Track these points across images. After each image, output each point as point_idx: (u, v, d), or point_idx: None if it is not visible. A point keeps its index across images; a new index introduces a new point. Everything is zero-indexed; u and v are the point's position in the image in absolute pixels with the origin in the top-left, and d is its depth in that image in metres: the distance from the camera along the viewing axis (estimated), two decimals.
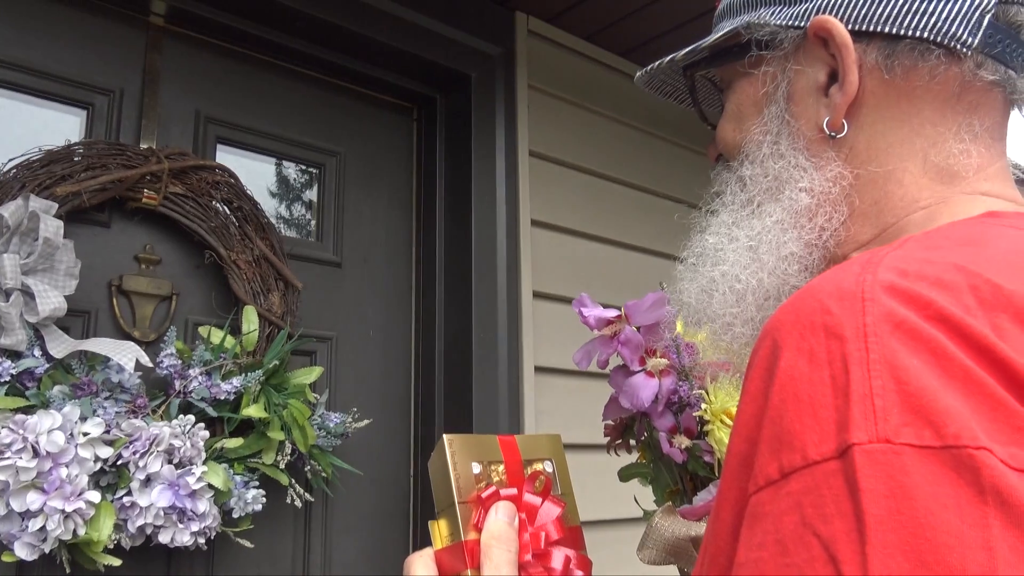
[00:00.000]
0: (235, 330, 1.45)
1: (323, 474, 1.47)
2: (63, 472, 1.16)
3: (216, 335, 1.40)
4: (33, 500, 1.13)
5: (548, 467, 0.82)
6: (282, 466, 1.39)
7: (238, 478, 1.36)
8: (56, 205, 1.24)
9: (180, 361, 1.35)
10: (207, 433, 1.31)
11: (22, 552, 1.14)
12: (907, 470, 0.40)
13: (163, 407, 1.30)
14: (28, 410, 1.18)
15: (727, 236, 0.69)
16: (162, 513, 1.24)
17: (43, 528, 1.13)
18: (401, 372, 1.81)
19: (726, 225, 0.70)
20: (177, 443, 1.26)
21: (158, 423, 1.27)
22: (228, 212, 1.48)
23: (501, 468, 0.77)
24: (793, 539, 0.43)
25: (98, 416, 1.22)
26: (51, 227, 1.21)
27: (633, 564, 0.93)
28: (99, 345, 1.27)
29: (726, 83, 0.73)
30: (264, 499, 1.38)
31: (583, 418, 1.89)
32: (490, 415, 1.75)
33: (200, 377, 1.33)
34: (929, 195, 0.61)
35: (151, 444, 1.23)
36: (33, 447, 1.13)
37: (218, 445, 1.34)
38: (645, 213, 2.21)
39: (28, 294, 1.21)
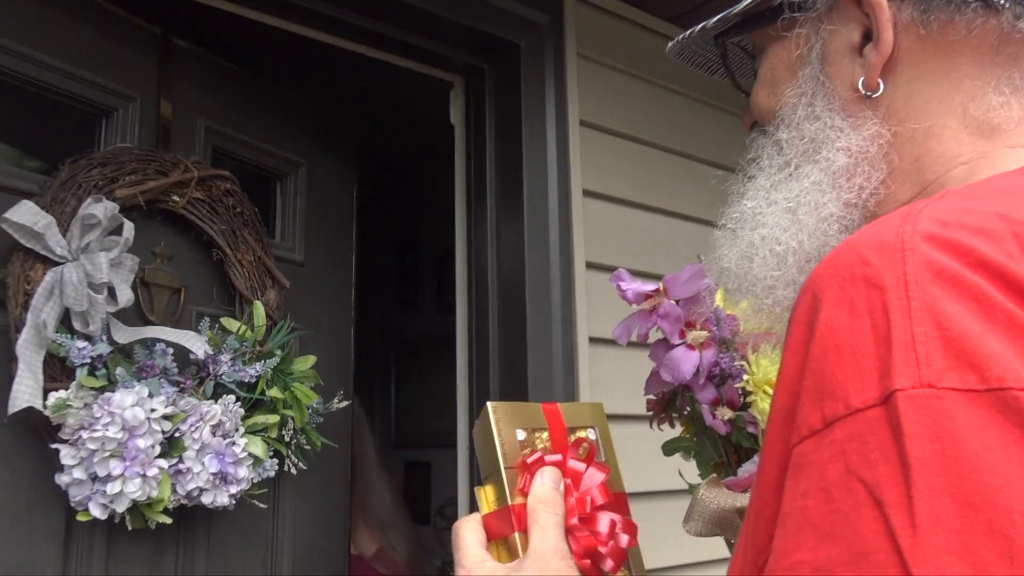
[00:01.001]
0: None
1: (306, 446, 1.61)
2: (139, 443, 1.28)
3: (232, 325, 1.54)
4: (115, 466, 1.26)
5: (592, 435, 0.83)
6: (286, 439, 1.55)
7: None
8: (117, 206, 1.35)
9: (212, 348, 1.49)
10: (242, 410, 1.46)
11: (96, 511, 1.26)
12: (951, 413, 0.41)
13: (201, 387, 1.44)
14: (102, 389, 1.29)
15: (765, 200, 0.69)
16: (210, 477, 1.37)
17: (121, 491, 1.26)
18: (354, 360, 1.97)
19: (764, 189, 0.69)
20: (223, 418, 1.41)
21: (204, 401, 1.40)
22: (233, 217, 1.61)
23: (545, 435, 0.78)
24: (838, 486, 0.43)
25: (162, 394, 1.34)
26: (128, 228, 1.35)
27: (685, 535, 0.93)
28: (162, 332, 1.41)
29: (758, 49, 0.73)
30: (277, 467, 1.52)
31: (637, 389, 1.88)
32: (544, 386, 1.76)
33: (229, 362, 1.47)
34: (970, 150, 0.60)
35: (203, 419, 1.37)
36: (119, 421, 1.26)
37: (251, 421, 1.48)
38: (698, 182, 2.18)
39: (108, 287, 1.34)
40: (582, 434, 0.82)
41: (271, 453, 1.52)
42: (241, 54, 1.90)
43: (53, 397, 1.23)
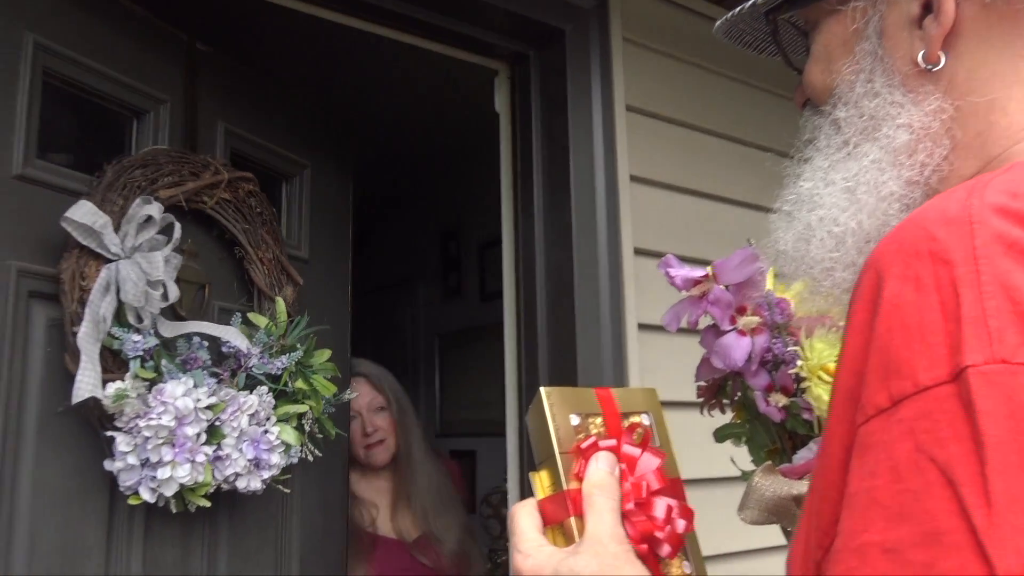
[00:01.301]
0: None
1: (319, 435, 1.66)
2: (188, 431, 1.35)
3: (259, 320, 1.60)
4: (166, 453, 1.33)
5: (646, 420, 0.83)
6: (305, 428, 1.60)
7: None
8: (162, 206, 1.41)
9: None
10: (274, 401, 1.53)
11: (146, 495, 1.33)
12: None
13: (235, 379, 1.52)
14: (151, 380, 1.36)
15: (823, 180, 0.67)
16: (247, 463, 1.44)
17: (171, 476, 1.33)
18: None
19: (821, 170, 0.68)
20: (258, 408, 1.48)
21: (240, 392, 1.47)
22: (254, 217, 1.67)
23: (599, 420, 0.78)
24: (907, 465, 0.42)
25: (205, 386, 1.40)
26: (177, 229, 1.42)
27: (739, 522, 0.92)
28: (205, 327, 1.48)
29: (811, 24, 0.71)
30: (300, 454, 1.58)
31: (688, 376, 1.87)
32: (594, 373, 1.75)
33: (258, 355, 1.54)
34: None
35: (241, 408, 1.44)
36: (172, 410, 1.33)
37: (281, 411, 1.55)
38: (747, 166, 2.15)
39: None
40: (636, 419, 0.81)
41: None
42: (257, 56, 1.92)
43: (113, 387, 1.28)
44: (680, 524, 0.75)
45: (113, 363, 1.34)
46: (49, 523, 1.31)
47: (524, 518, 0.72)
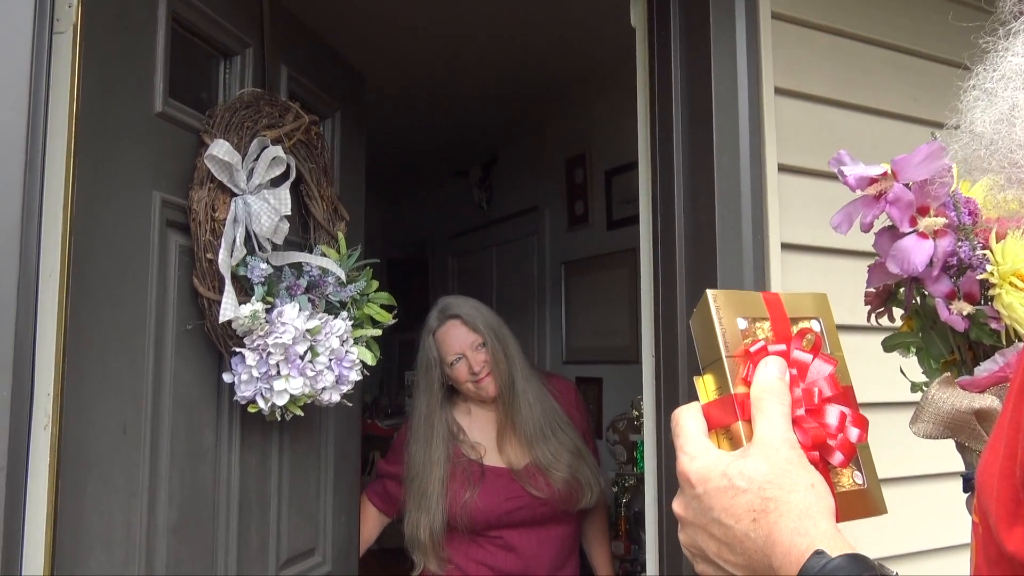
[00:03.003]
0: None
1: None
2: (299, 348, 1.54)
3: (331, 253, 1.79)
4: (283, 367, 1.52)
5: (816, 326, 0.79)
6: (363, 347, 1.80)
7: None
8: (281, 148, 1.58)
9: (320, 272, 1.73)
10: (350, 325, 1.72)
11: (261, 404, 1.52)
12: None
13: (317, 305, 1.70)
14: (270, 304, 1.54)
15: None
16: (333, 379, 1.63)
17: (285, 388, 1.52)
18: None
19: None
20: (344, 331, 1.68)
21: (330, 316, 1.67)
22: (318, 157, 1.83)
23: (767, 325, 0.75)
24: None
25: (306, 310, 1.59)
26: (294, 168, 1.62)
27: (889, 447, 0.89)
28: (306, 257, 1.68)
29: None
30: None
31: (833, 298, 1.80)
32: None
33: (333, 284, 1.72)
34: None
35: (332, 331, 1.64)
36: (292, 330, 1.51)
37: (357, 333, 1.76)
38: (900, 74, 2.03)
39: None
40: (805, 325, 0.78)
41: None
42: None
43: (248, 309, 1.45)
44: (854, 433, 0.73)
45: (237, 288, 1.49)
46: (181, 429, 1.48)
47: (689, 421, 0.71)
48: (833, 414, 0.73)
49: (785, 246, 1.79)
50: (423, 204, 5.82)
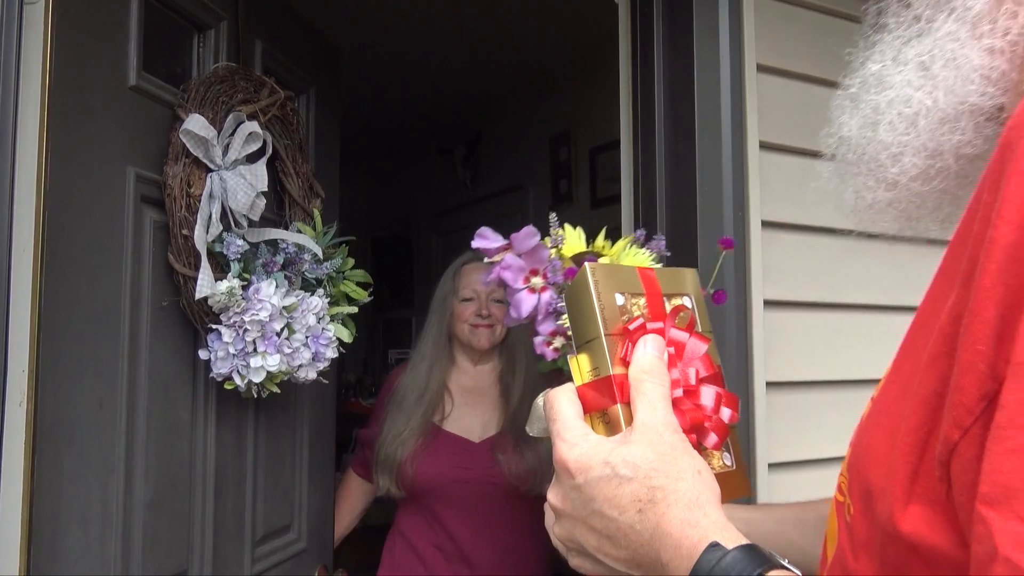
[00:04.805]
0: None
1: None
2: (275, 326, 1.56)
3: (307, 230, 1.81)
4: (260, 344, 1.54)
5: (688, 303, 0.79)
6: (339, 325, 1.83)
7: None
8: (257, 123, 1.58)
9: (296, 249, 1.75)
10: (327, 302, 1.75)
11: (238, 381, 1.54)
12: None
13: (293, 282, 1.72)
14: (246, 281, 1.55)
15: (893, 60, 0.64)
16: (310, 356, 1.66)
17: (262, 366, 1.54)
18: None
19: (892, 48, 0.65)
20: (321, 308, 1.70)
21: (306, 293, 1.69)
22: (293, 133, 1.84)
23: (642, 301, 0.73)
24: None
25: (282, 287, 1.61)
26: (270, 143, 1.63)
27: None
28: (282, 234, 1.70)
29: None
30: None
31: (815, 276, 1.83)
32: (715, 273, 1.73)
33: (309, 261, 1.74)
34: None
35: (308, 308, 1.66)
36: (268, 307, 1.53)
37: (333, 311, 1.79)
38: None
39: None
40: (678, 301, 0.78)
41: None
42: None
43: (225, 285, 1.46)
44: (726, 413, 0.73)
45: (213, 264, 1.51)
46: (158, 405, 1.50)
47: (566, 405, 0.68)
48: (709, 395, 0.72)
49: (766, 223, 1.81)
50: (408, 183, 5.82)
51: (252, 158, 1.59)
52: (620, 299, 0.72)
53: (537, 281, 1.10)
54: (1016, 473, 0.42)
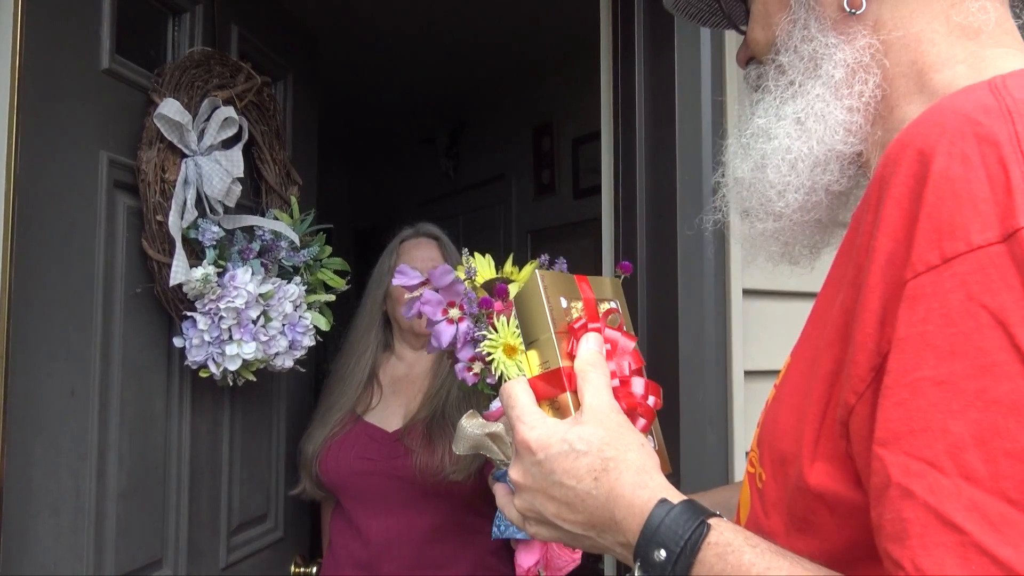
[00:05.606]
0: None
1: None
2: (251, 313, 1.56)
3: (284, 217, 1.81)
4: (235, 332, 1.54)
5: (616, 306, 0.93)
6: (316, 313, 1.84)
7: None
8: (233, 109, 1.58)
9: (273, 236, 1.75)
10: (304, 290, 1.75)
11: (213, 368, 1.54)
12: None
13: (270, 270, 1.71)
14: (222, 268, 1.55)
15: (775, 115, 0.78)
16: (286, 344, 1.66)
17: (237, 353, 1.53)
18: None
19: (773, 107, 0.79)
20: (298, 296, 1.71)
21: (283, 281, 1.69)
22: (269, 120, 1.84)
23: (580, 304, 0.85)
24: (959, 312, 0.51)
25: (259, 274, 1.60)
26: (246, 129, 1.62)
27: None
28: (259, 220, 1.69)
29: None
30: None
31: (787, 272, 1.83)
32: (695, 265, 1.74)
33: (286, 248, 1.75)
34: (962, 51, 0.70)
35: (285, 296, 1.66)
36: (244, 294, 1.52)
37: (310, 299, 1.79)
38: None
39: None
40: (608, 305, 0.92)
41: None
42: None
43: (200, 272, 1.46)
44: (651, 400, 0.86)
45: (188, 251, 1.50)
46: (131, 393, 1.49)
47: (521, 393, 0.79)
48: (639, 384, 0.85)
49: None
50: (390, 173, 5.80)
51: (228, 144, 1.58)
52: (564, 302, 0.83)
53: (455, 312, 1.23)
54: (902, 421, 0.52)
